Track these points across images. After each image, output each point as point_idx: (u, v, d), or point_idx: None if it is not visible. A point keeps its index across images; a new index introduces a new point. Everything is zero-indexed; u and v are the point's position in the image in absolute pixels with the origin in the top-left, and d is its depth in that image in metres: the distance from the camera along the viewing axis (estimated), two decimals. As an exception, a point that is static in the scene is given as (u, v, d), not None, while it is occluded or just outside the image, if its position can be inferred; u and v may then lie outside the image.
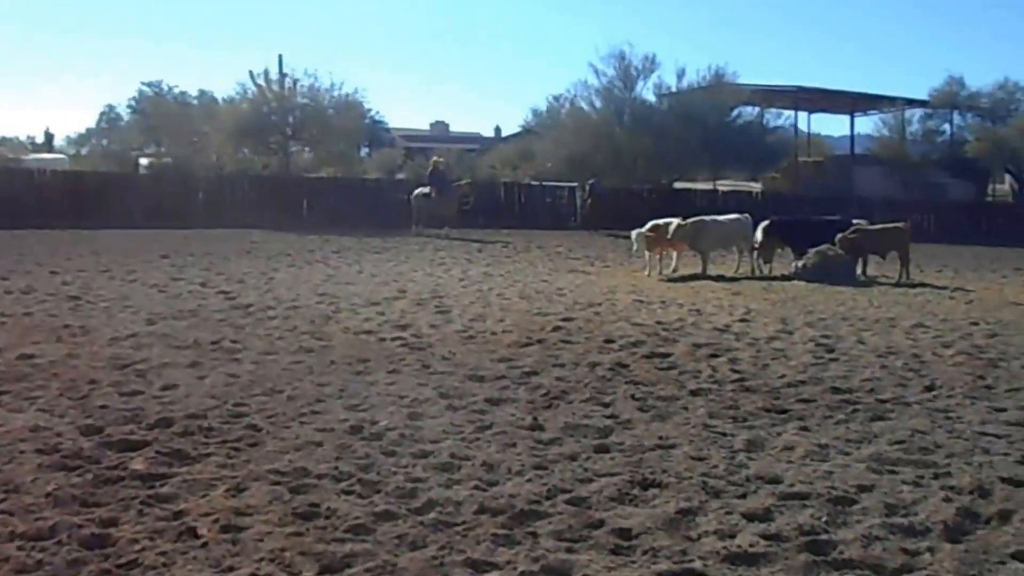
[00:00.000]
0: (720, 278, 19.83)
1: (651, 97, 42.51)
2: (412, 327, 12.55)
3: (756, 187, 48.29)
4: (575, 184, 38.63)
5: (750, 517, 5.76)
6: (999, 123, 45.13)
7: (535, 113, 49.13)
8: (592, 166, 38.83)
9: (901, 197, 40.53)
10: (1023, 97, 46.54)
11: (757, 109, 43.95)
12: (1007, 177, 49.72)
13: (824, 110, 51.86)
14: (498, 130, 76.90)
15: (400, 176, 44.00)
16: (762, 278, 20.19)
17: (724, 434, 7.64)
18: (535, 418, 7.98)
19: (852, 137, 52.03)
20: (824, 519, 5.69)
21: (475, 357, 10.63)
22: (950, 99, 46.53)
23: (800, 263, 20.05)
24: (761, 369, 10.40)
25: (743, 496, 6.16)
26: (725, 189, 44.23)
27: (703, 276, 19.83)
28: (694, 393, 9.09)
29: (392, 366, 10.06)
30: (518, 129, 73.22)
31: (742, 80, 42.94)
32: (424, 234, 29.54)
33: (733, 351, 11.44)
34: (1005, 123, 45.11)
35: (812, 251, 19.88)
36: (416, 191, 31.56)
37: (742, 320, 14.01)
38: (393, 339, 11.64)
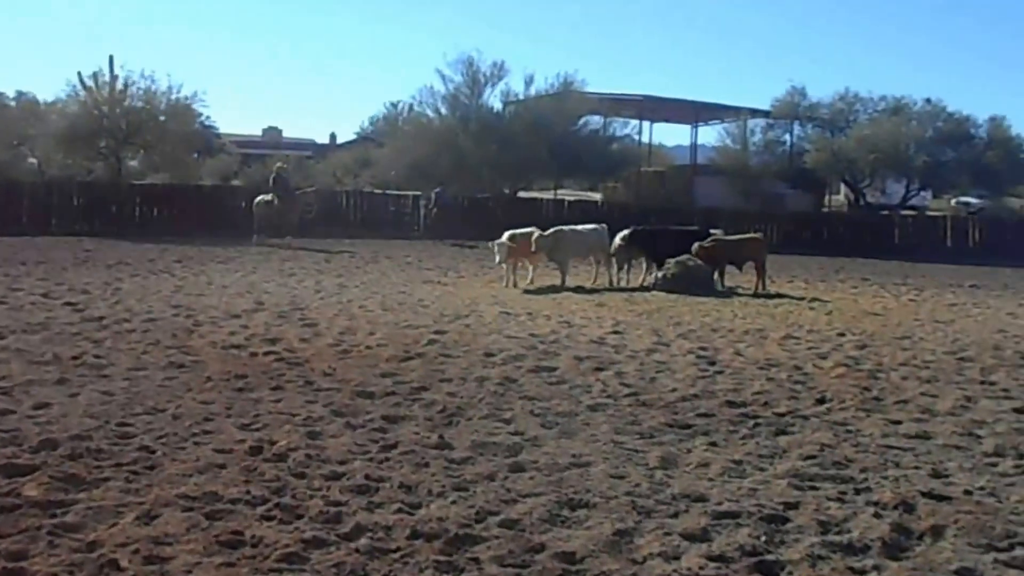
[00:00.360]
0: (579, 289, 19.94)
1: (498, 104, 42.79)
2: (282, 341, 12.26)
3: (596, 196, 49.02)
4: (419, 193, 38.48)
5: (689, 537, 5.79)
6: (838, 134, 46.73)
7: (372, 120, 48.77)
8: (437, 174, 38.80)
9: (742, 207, 41.69)
10: (862, 108, 48.35)
11: (603, 118, 44.55)
12: (842, 187, 51.61)
13: (668, 120, 52.97)
14: (333, 136, 76.60)
15: (235, 183, 43.13)
16: (622, 289, 20.39)
17: (635, 451, 7.68)
18: (440, 436, 7.88)
19: (694, 147, 53.25)
20: (763, 539, 5.75)
21: (357, 372, 10.44)
22: (791, 109, 47.95)
23: (660, 273, 20.33)
24: (650, 383, 10.49)
25: (675, 516, 6.19)
26: (571, 198, 44.73)
27: (562, 287, 19.89)
28: (592, 408, 9.12)
29: (274, 382, 9.81)
30: (354, 136, 73.37)
31: (590, 88, 43.58)
32: (266, 243, 28.86)
33: (617, 364, 11.53)
34: (844, 134, 46.76)
35: (672, 261, 20.17)
36: (258, 198, 30.76)
37: (614, 332, 14.12)
38: (265, 354, 11.34)
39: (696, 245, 20.52)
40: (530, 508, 6.22)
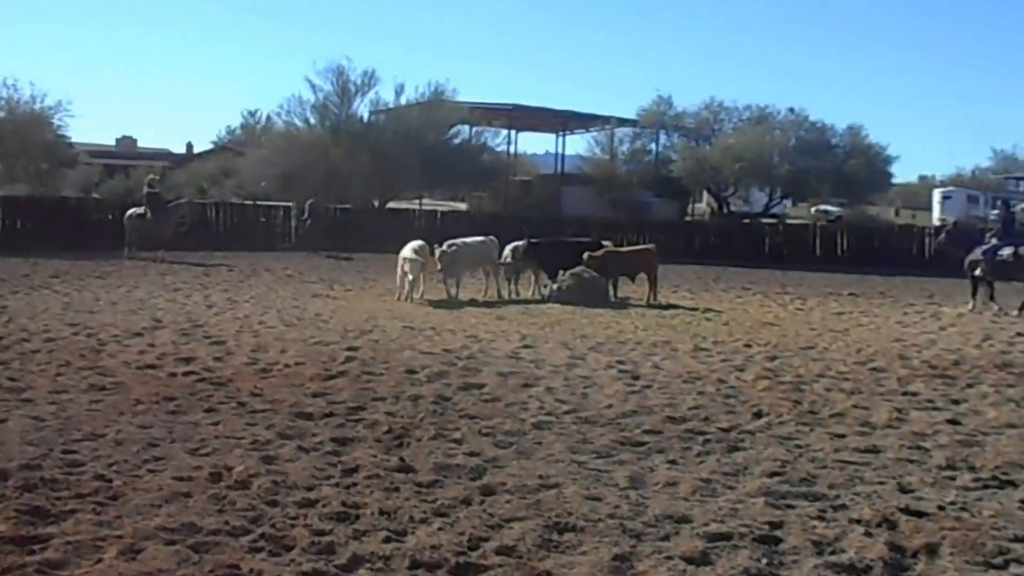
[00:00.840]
0: (473, 302, 19.92)
1: (366, 113, 42.60)
2: (196, 360, 11.97)
3: (461, 206, 49.18)
4: (290, 204, 37.97)
5: (691, 561, 5.82)
6: (703, 143, 47.82)
7: (229, 130, 48.09)
8: (307, 185, 38.38)
9: (611, 216, 42.20)
10: (727, 117, 49.66)
11: (474, 127, 44.75)
12: (705, 195, 52.83)
13: (535, 129, 53.43)
14: (190, 146, 75.28)
15: (95, 195, 41.92)
16: (516, 301, 20.45)
17: (601, 471, 7.68)
18: (401, 459, 7.77)
19: (561, 156, 53.87)
20: (764, 561, 5.80)
21: (287, 392, 10.24)
22: (657, 118, 48.90)
23: (555, 285, 20.41)
24: (583, 399, 10.52)
25: (666, 538, 6.21)
26: (443, 208, 44.74)
27: (454, 300, 19.84)
28: (537, 427, 9.10)
29: (205, 404, 9.58)
30: (211, 146, 72.21)
31: (461, 97, 43.70)
32: (138, 257, 28.11)
33: (542, 379, 11.51)
34: (709, 143, 47.86)
35: (567, 273, 20.30)
36: (129, 211, 29.83)
37: (525, 346, 14.12)
38: (185, 374, 11.05)
39: (587, 256, 20.71)
40: (520, 533, 6.16)
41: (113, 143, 75.47)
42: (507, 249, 21.44)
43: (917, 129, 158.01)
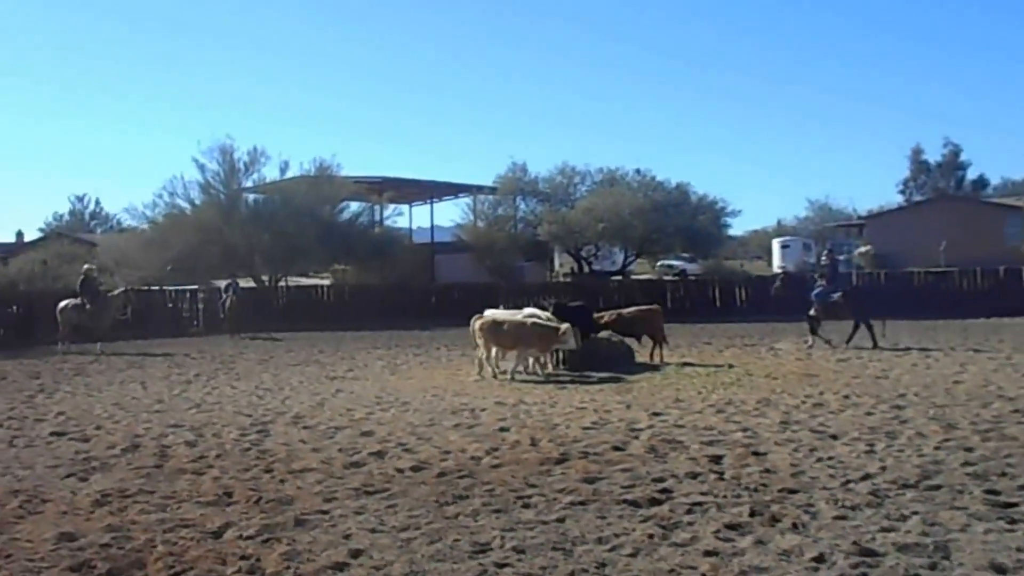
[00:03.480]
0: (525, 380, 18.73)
1: (252, 192, 41.14)
2: (414, 453, 10.84)
3: (325, 281, 47.90)
4: (197, 287, 36.19)
5: None
6: (559, 205, 48.16)
7: (57, 217, 45.91)
8: (203, 266, 36.92)
9: (489, 282, 42.17)
10: (580, 180, 50.27)
11: (362, 203, 43.96)
12: (557, 256, 53.26)
13: (406, 200, 52.67)
14: (20, 234, 70.92)
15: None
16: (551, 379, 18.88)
17: None
18: (856, 542, 7.04)
19: (431, 226, 53.29)
20: None
21: (558, 483, 9.21)
22: (514, 185, 49.02)
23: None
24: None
25: None
26: (308, 284, 43.57)
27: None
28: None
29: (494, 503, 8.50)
30: (39, 233, 68.29)
31: (345, 172, 42.75)
32: (71, 351, 26.08)
33: (768, 454, 10.77)
34: (567, 205, 48.27)
35: (594, 337, 19.74)
36: (63, 303, 27.69)
37: (722, 415, 13.36)
38: (440, 475, 9.80)
39: (598, 318, 20.32)
40: None
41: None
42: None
43: (738, 183, 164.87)
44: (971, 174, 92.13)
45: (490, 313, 19.29)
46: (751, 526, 7.59)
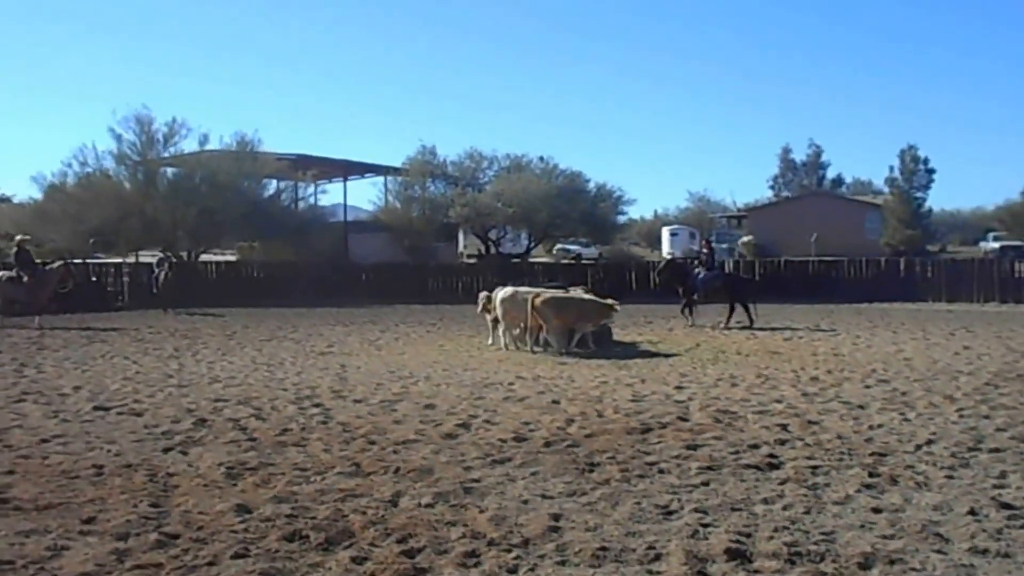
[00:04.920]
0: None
1: (170, 164, 40.13)
2: (499, 425, 11.03)
3: (231, 257, 47.22)
4: (121, 260, 35.26)
5: None
6: (469, 189, 48.34)
7: None
8: (125, 238, 36.04)
9: (407, 261, 42.59)
10: (488, 165, 50.57)
11: (283, 180, 43.34)
12: (472, 237, 53.47)
13: (322, 178, 52.07)
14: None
15: None
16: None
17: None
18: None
19: (344, 203, 52.87)
20: None
21: (660, 451, 9.64)
22: (423, 167, 49.00)
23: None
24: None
25: None
26: (218, 259, 42.87)
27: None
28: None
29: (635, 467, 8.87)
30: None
31: (266, 148, 42.10)
32: (6, 325, 25.03)
33: (821, 422, 11.14)
34: (476, 189, 48.50)
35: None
36: None
37: (735, 386, 14.13)
38: (548, 443, 10.11)
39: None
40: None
41: None
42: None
43: (622, 172, 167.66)
44: (830, 173, 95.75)
45: (509, 290, 19.64)
46: (880, 486, 8.07)
